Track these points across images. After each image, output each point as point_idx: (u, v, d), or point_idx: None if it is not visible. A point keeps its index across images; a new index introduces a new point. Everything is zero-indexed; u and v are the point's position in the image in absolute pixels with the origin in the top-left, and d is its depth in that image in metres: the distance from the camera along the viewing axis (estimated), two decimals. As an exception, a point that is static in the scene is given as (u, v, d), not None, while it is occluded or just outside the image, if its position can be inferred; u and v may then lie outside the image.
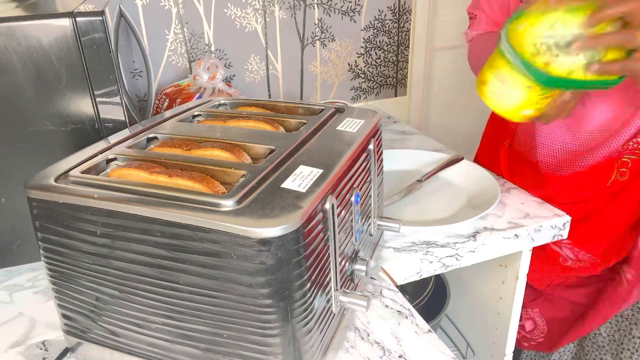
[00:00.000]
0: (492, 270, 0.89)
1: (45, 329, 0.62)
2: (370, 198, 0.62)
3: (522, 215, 0.80)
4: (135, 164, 0.50)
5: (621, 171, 0.80)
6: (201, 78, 1.05)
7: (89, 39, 0.62)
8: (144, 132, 0.59)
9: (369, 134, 0.59)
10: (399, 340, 0.58)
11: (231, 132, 0.57)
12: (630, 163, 0.79)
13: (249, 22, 1.26)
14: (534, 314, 0.98)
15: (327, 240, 0.47)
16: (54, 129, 0.65)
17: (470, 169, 0.92)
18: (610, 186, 0.81)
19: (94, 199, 0.44)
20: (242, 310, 0.43)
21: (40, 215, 0.48)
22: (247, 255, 0.40)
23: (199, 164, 0.50)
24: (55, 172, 0.48)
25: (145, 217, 0.43)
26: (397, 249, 0.73)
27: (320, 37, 1.35)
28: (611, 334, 0.89)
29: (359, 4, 1.35)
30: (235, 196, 0.42)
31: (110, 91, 0.66)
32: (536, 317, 0.98)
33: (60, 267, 0.50)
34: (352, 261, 0.56)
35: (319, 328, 0.47)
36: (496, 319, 0.91)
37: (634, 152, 0.78)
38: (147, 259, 0.45)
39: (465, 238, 0.74)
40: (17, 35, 0.60)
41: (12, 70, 0.61)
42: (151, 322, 0.48)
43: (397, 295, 0.65)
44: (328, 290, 0.49)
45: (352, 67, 1.42)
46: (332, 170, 0.48)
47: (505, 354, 0.92)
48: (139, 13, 1.16)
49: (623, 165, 0.79)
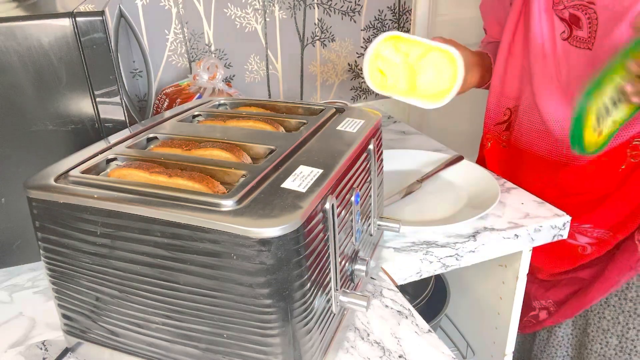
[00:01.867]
0: (492, 270, 0.89)
1: (45, 329, 0.62)
2: (370, 198, 0.62)
3: (522, 215, 0.80)
4: (135, 164, 0.50)
5: (633, 154, 0.80)
6: (201, 78, 1.05)
7: (89, 39, 0.62)
8: (144, 132, 0.59)
9: (369, 134, 0.59)
10: (399, 340, 0.58)
11: (231, 132, 0.57)
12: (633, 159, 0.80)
13: (249, 22, 1.26)
14: (548, 304, 0.99)
15: (327, 240, 0.47)
16: (54, 129, 0.65)
17: (470, 169, 0.92)
18: (624, 170, 0.82)
19: (94, 199, 0.44)
20: (242, 310, 0.43)
21: (40, 215, 0.48)
22: (247, 255, 0.40)
23: (199, 164, 0.50)
24: (55, 172, 0.48)
25: (145, 217, 0.43)
26: (397, 249, 0.73)
27: (320, 37, 1.35)
28: (615, 317, 0.89)
29: (359, 4, 1.35)
30: (235, 196, 0.42)
31: (110, 91, 0.66)
32: (550, 307, 0.99)
33: (60, 267, 0.50)
34: (352, 261, 0.56)
35: (319, 328, 0.47)
36: (496, 319, 0.91)
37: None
38: (147, 259, 0.45)
39: (465, 238, 0.74)
40: (17, 35, 0.60)
41: (12, 70, 0.61)
42: (151, 322, 0.48)
43: (397, 295, 0.65)
44: (328, 290, 0.49)
45: (352, 67, 1.42)
46: (332, 170, 0.48)
47: (505, 354, 0.92)
48: (139, 13, 1.16)
49: (635, 149, 0.80)
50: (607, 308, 0.90)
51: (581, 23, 0.79)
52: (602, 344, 0.92)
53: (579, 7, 0.78)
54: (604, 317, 0.91)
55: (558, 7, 0.81)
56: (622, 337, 0.89)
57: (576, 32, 0.80)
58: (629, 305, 0.87)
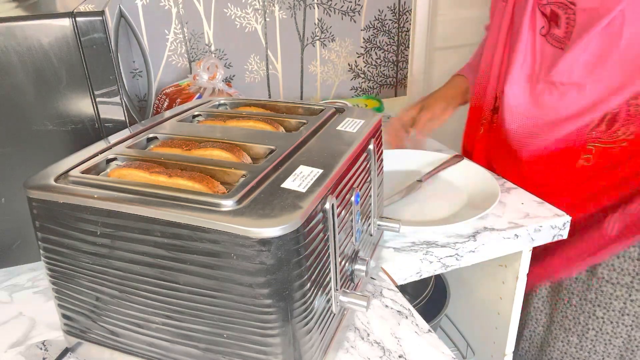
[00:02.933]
0: (492, 270, 0.89)
1: (45, 329, 0.62)
2: (370, 198, 0.62)
3: (522, 215, 0.80)
4: (135, 164, 0.50)
5: (585, 157, 0.85)
6: (201, 78, 1.05)
7: (89, 39, 0.62)
8: (144, 132, 0.59)
9: (369, 134, 0.59)
10: (399, 340, 0.58)
11: (231, 132, 0.57)
12: (594, 150, 0.84)
13: (249, 22, 1.26)
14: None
15: (327, 240, 0.47)
16: (54, 129, 0.65)
17: (470, 169, 0.92)
18: (580, 170, 0.86)
19: (94, 199, 0.44)
20: (242, 310, 0.43)
21: (40, 215, 0.48)
22: (247, 255, 0.40)
23: (199, 164, 0.50)
24: (55, 172, 0.48)
25: (145, 217, 0.43)
26: (397, 249, 0.73)
27: (320, 37, 1.35)
28: (576, 317, 0.93)
29: (359, 4, 1.35)
30: (235, 196, 0.42)
31: (110, 91, 0.66)
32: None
33: (60, 267, 0.50)
34: (352, 261, 0.56)
35: (319, 328, 0.47)
36: (496, 319, 0.91)
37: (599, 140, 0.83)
38: (147, 259, 0.45)
39: (465, 238, 0.74)
40: (17, 35, 0.60)
41: (12, 70, 0.61)
42: (151, 322, 0.48)
43: (397, 295, 0.65)
44: (328, 290, 0.49)
45: (352, 67, 1.42)
46: (332, 170, 0.48)
47: (505, 354, 0.92)
48: (139, 13, 1.16)
49: (587, 152, 0.85)
50: (569, 308, 0.94)
51: (560, 22, 0.81)
52: (563, 342, 0.96)
53: (561, 5, 0.80)
54: (566, 317, 0.94)
55: (542, 2, 0.83)
56: (582, 336, 0.93)
57: (553, 30, 0.82)
58: (588, 307, 0.91)
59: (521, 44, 0.86)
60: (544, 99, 0.85)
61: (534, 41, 0.85)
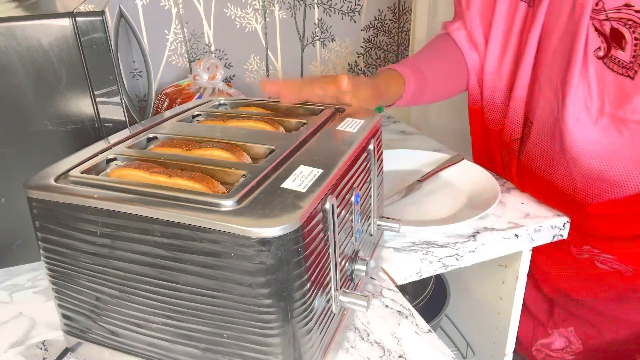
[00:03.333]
0: (492, 270, 0.89)
1: (45, 329, 0.62)
2: (370, 198, 0.62)
3: (522, 215, 0.80)
4: (135, 164, 0.50)
5: None
6: (201, 78, 1.05)
7: (89, 39, 0.62)
8: (144, 132, 0.59)
9: (369, 134, 0.59)
10: (399, 340, 0.58)
11: (231, 132, 0.57)
12: None
13: (249, 22, 1.26)
14: (567, 333, 0.90)
15: (327, 240, 0.47)
16: (54, 129, 0.65)
17: (470, 169, 0.92)
18: None
19: (94, 199, 0.44)
20: (242, 310, 0.43)
21: (40, 215, 0.48)
22: (247, 255, 0.40)
23: (199, 164, 0.50)
24: (55, 172, 0.48)
25: (145, 217, 0.43)
26: (397, 249, 0.73)
27: (320, 37, 1.35)
28: None
29: (359, 4, 1.35)
30: (235, 196, 0.42)
31: (110, 91, 0.66)
32: (571, 337, 0.89)
33: (60, 267, 0.50)
34: (352, 261, 0.56)
35: (319, 328, 0.47)
36: (496, 319, 0.91)
37: None
38: (147, 259, 0.45)
39: (465, 238, 0.74)
40: (17, 35, 0.60)
41: (12, 70, 0.61)
42: (151, 322, 0.48)
43: (397, 295, 0.65)
44: (328, 290, 0.49)
45: (352, 67, 1.42)
46: (332, 170, 0.48)
47: (505, 354, 0.92)
48: (139, 13, 1.16)
49: None
50: None
51: (624, 42, 0.64)
52: None
53: (627, 21, 0.63)
54: None
55: (598, 17, 0.65)
56: None
57: (615, 52, 0.65)
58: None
59: (575, 68, 0.68)
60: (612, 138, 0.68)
61: (585, 64, 0.68)
